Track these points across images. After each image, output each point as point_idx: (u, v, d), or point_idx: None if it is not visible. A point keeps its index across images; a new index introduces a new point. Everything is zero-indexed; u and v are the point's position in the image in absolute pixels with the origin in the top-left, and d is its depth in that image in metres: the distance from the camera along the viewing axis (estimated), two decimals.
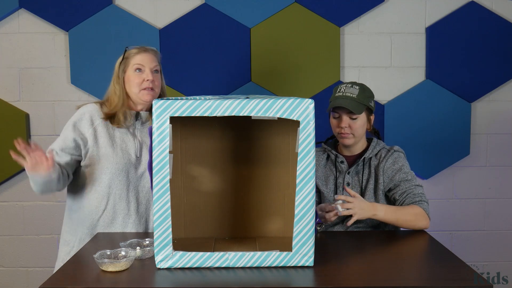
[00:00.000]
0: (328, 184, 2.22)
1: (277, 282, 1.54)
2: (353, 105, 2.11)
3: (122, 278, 1.52)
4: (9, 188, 2.97)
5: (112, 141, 2.10)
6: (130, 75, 2.12)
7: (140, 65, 2.12)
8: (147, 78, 2.10)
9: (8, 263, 3.01)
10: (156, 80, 2.14)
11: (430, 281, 1.53)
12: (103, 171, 2.08)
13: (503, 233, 3.09)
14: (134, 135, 2.14)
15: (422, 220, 2.02)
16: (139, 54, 2.13)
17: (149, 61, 2.13)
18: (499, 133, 3.03)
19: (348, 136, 2.15)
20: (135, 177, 2.10)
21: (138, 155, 2.11)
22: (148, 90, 2.11)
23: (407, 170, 2.15)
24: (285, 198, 1.86)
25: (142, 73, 2.12)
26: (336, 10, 2.91)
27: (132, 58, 2.13)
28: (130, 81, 2.12)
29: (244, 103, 1.53)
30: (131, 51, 2.15)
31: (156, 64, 2.16)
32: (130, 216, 2.10)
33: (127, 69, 2.14)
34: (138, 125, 2.16)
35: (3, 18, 2.88)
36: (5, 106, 2.90)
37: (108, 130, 2.12)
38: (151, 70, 2.12)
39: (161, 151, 1.54)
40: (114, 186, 2.08)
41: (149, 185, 2.10)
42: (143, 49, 2.15)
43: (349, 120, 2.13)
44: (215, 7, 2.89)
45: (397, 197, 2.11)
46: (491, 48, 2.94)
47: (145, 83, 2.10)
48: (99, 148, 2.09)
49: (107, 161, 2.08)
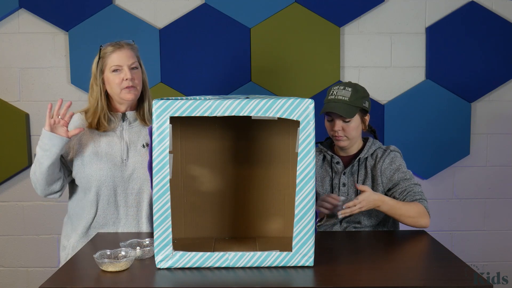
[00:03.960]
0: (324, 185, 2.22)
1: (277, 282, 1.54)
2: (345, 109, 2.10)
3: (122, 278, 1.52)
4: (9, 188, 2.97)
5: (97, 148, 2.06)
6: (109, 76, 2.06)
7: (117, 66, 2.05)
8: (125, 77, 2.03)
9: (8, 263, 3.01)
10: (136, 77, 2.07)
11: (430, 281, 1.53)
12: (89, 179, 2.06)
13: (503, 233, 3.08)
14: (121, 137, 2.09)
15: (424, 218, 2.03)
16: (114, 53, 2.06)
17: (125, 58, 2.06)
18: (499, 133, 3.03)
19: (342, 139, 2.15)
20: (122, 180, 2.07)
21: (125, 158, 2.07)
22: (129, 89, 2.05)
23: (404, 169, 2.15)
24: (285, 198, 1.86)
25: (120, 72, 2.05)
26: (336, 10, 2.91)
27: (108, 58, 2.06)
28: (109, 82, 2.06)
29: (244, 103, 1.53)
30: (106, 50, 2.07)
31: (134, 60, 2.08)
32: (120, 220, 2.08)
33: (105, 69, 2.07)
34: (125, 126, 2.11)
35: (3, 18, 2.88)
36: (5, 106, 2.89)
37: (93, 136, 2.08)
38: (129, 67, 2.05)
39: (161, 151, 1.54)
40: (102, 193, 2.06)
41: (139, 187, 2.08)
42: (117, 46, 2.07)
43: (342, 123, 2.13)
44: (215, 7, 2.89)
45: (397, 196, 2.11)
46: (491, 48, 2.94)
47: (124, 83, 2.04)
48: (84, 157, 2.06)
49: (91, 169, 2.05)
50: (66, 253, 2.12)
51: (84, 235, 2.09)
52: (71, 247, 2.10)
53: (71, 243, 2.10)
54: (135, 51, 2.12)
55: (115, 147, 2.08)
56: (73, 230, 2.12)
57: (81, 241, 2.08)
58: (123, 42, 2.10)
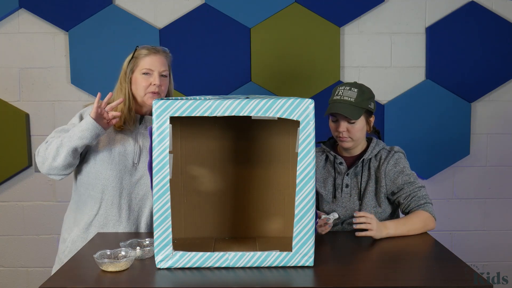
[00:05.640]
0: (326, 185, 2.21)
1: (277, 282, 1.54)
2: (350, 110, 2.07)
3: (122, 278, 1.52)
4: (9, 188, 2.97)
5: (111, 145, 2.06)
6: (138, 77, 2.08)
7: (148, 69, 2.06)
8: (154, 83, 2.05)
9: (8, 263, 3.01)
10: (163, 85, 2.09)
11: (430, 281, 1.53)
12: (98, 176, 2.06)
13: (503, 233, 3.09)
14: (136, 140, 2.09)
15: (430, 223, 2.01)
16: (149, 56, 2.08)
17: (158, 64, 2.08)
18: (499, 133, 3.03)
19: (347, 140, 2.12)
20: (129, 184, 2.07)
21: (136, 162, 2.07)
22: (154, 94, 2.06)
23: (409, 171, 2.12)
24: (285, 198, 1.86)
25: (149, 76, 2.07)
26: (336, 10, 2.91)
27: (141, 60, 2.08)
28: (137, 83, 2.08)
29: (244, 103, 1.53)
30: (141, 52, 2.09)
31: (165, 68, 2.11)
32: (120, 223, 2.08)
33: (135, 69, 2.08)
34: (141, 129, 2.11)
35: (3, 18, 2.88)
36: (5, 106, 2.90)
37: (109, 133, 2.08)
38: (159, 73, 2.07)
39: (161, 151, 1.54)
40: (107, 192, 2.06)
41: (143, 192, 2.08)
42: (153, 51, 2.09)
43: (347, 124, 2.10)
44: (215, 7, 2.89)
45: (401, 201, 2.10)
46: (491, 48, 2.95)
47: (151, 87, 2.06)
48: (97, 152, 2.06)
49: (102, 166, 2.05)
50: (66, 246, 2.12)
51: (85, 231, 2.08)
52: (71, 240, 2.10)
53: (72, 236, 2.10)
54: (169, 59, 2.15)
55: (128, 148, 2.07)
56: (75, 224, 2.12)
57: (81, 236, 2.08)
58: (159, 48, 2.13)
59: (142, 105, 2.11)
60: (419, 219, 2.00)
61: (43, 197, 2.97)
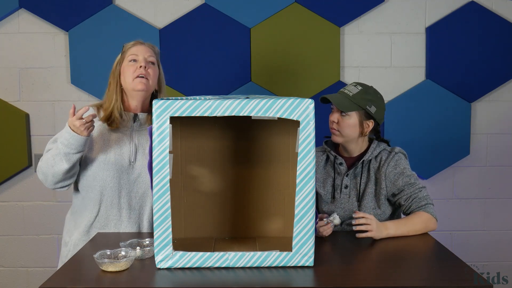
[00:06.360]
0: (325, 186, 2.20)
1: (277, 282, 1.54)
2: (341, 101, 2.08)
3: (122, 278, 1.52)
4: (9, 188, 2.97)
5: (106, 146, 2.06)
6: (125, 66, 2.09)
7: (134, 55, 2.09)
8: (140, 65, 2.06)
9: (8, 263, 3.01)
10: (151, 71, 2.09)
11: (430, 281, 1.53)
12: (95, 178, 2.05)
13: (503, 233, 3.09)
14: (131, 138, 2.09)
15: (431, 224, 2.01)
16: (135, 46, 2.12)
17: (143, 51, 2.11)
18: (499, 133, 3.03)
19: (336, 133, 2.13)
20: (127, 183, 2.06)
21: (132, 160, 2.06)
22: (141, 78, 2.05)
23: (409, 172, 2.12)
24: (285, 198, 1.86)
25: (136, 62, 2.08)
26: (336, 10, 2.91)
27: (127, 51, 2.11)
28: (124, 72, 2.09)
29: (244, 103, 1.53)
30: (128, 45, 2.14)
31: (152, 55, 2.12)
32: (122, 222, 2.08)
33: (123, 61, 2.11)
34: (136, 127, 2.11)
35: (3, 18, 2.88)
36: (5, 106, 2.90)
37: (104, 135, 2.08)
38: (145, 59, 2.08)
39: (161, 151, 1.54)
40: (106, 193, 2.06)
41: (143, 190, 2.08)
42: (139, 42, 2.15)
43: (339, 116, 2.11)
44: (215, 7, 2.89)
45: (402, 203, 2.09)
46: (491, 48, 2.95)
47: (138, 71, 2.05)
48: (93, 154, 2.06)
49: (99, 168, 2.05)
50: (68, 249, 2.12)
51: (86, 233, 2.08)
52: (72, 244, 2.10)
53: (73, 240, 2.10)
54: (155, 51, 2.17)
55: (124, 147, 2.07)
56: (76, 227, 2.12)
57: (82, 239, 2.08)
58: (146, 42, 2.17)
59: (132, 96, 2.10)
60: (420, 219, 2.00)
61: (43, 197, 2.97)
